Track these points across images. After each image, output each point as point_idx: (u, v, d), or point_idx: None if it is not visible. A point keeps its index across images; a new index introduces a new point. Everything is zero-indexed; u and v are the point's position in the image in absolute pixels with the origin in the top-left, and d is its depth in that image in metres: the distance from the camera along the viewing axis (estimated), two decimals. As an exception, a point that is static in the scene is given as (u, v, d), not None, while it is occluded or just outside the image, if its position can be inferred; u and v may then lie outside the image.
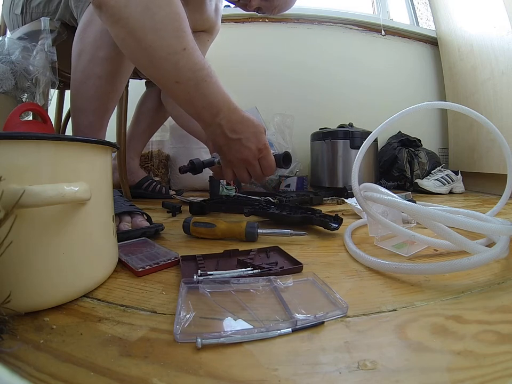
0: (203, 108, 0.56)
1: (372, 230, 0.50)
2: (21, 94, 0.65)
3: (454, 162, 1.54)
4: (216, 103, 0.56)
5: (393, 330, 0.26)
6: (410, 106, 0.49)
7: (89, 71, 0.63)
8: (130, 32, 0.49)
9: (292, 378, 0.20)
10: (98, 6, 0.49)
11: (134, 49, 0.51)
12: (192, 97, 0.55)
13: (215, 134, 0.58)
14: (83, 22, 0.62)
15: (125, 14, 0.48)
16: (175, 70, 0.52)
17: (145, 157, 1.29)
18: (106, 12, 0.49)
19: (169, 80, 0.53)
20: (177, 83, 0.53)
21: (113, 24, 0.50)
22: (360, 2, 1.79)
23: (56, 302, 0.29)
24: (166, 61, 0.51)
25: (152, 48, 0.50)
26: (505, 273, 0.37)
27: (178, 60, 0.52)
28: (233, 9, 1.58)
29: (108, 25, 0.51)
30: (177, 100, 0.56)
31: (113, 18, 0.49)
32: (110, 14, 0.49)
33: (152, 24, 0.50)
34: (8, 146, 0.25)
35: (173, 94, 0.56)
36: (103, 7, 0.49)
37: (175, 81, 0.53)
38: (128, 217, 0.56)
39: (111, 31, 0.52)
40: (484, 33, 1.27)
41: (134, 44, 0.51)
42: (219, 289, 0.33)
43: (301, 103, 1.60)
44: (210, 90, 0.55)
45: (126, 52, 0.54)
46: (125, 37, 0.50)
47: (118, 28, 0.50)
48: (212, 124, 0.57)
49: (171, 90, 0.55)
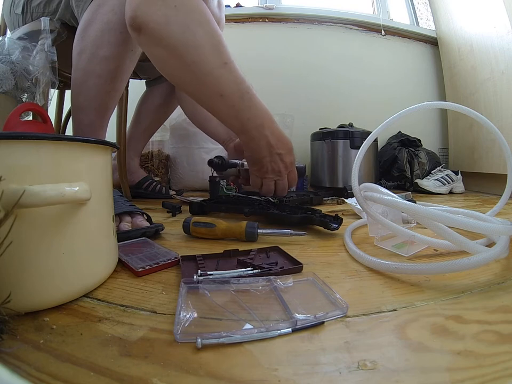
0: (248, 120, 0.58)
1: (372, 230, 0.50)
2: (21, 94, 0.65)
3: (454, 162, 1.54)
4: (260, 115, 0.59)
5: (393, 330, 0.26)
6: (410, 106, 0.49)
7: (90, 70, 0.63)
8: (172, 51, 0.51)
9: (292, 378, 0.20)
10: (138, 29, 0.50)
11: (177, 68, 0.53)
12: (237, 110, 0.57)
13: (259, 146, 0.60)
14: (84, 21, 0.62)
15: (165, 34, 0.50)
16: (220, 84, 0.54)
17: (145, 157, 1.29)
18: (146, 33, 0.50)
19: (214, 94, 0.55)
20: (222, 96, 0.55)
21: (154, 46, 0.51)
22: (360, 2, 1.78)
23: (56, 302, 0.29)
24: (210, 76, 0.53)
25: (195, 65, 0.52)
26: (505, 273, 0.37)
27: (222, 74, 0.54)
28: (233, 9, 1.58)
29: (148, 47, 0.52)
30: (221, 113, 0.58)
31: (154, 40, 0.50)
32: (150, 36, 0.50)
33: (194, 41, 0.51)
34: (8, 146, 0.25)
35: (216, 108, 0.57)
36: (142, 29, 0.50)
37: (219, 95, 0.55)
38: (128, 217, 0.56)
39: (150, 52, 0.53)
40: (484, 33, 1.27)
41: (176, 63, 0.52)
42: (219, 289, 0.33)
43: (301, 103, 1.60)
44: (253, 102, 0.58)
45: (167, 71, 0.55)
46: (166, 56, 0.52)
47: (159, 49, 0.51)
48: (257, 136, 0.59)
49: (215, 105, 0.57)
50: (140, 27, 0.50)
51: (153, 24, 0.49)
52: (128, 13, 0.50)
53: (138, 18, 0.49)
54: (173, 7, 0.50)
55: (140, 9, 0.49)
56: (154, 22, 0.49)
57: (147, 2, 0.49)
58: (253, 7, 1.58)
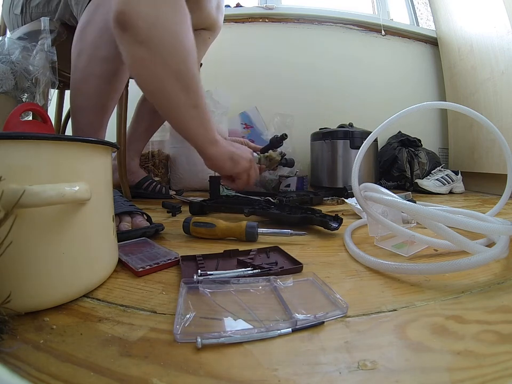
0: (211, 130, 0.61)
1: (372, 230, 0.50)
2: (21, 94, 0.65)
3: (454, 162, 1.54)
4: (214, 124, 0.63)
5: (393, 330, 0.26)
6: (410, 106, 0.49)
7: (89, 70, 0.63)
8: (156, 54, 0.50)
9: (292, 378, 0.20)
10: (123, 24, 0.49)
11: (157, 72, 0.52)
12: (205, 121, 0.59)
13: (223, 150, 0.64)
14: (82, 22, 0.62)
15: (152, 35, 0.49)
16: (197, 93, 0.56)
17: (145, 157, 1.28)
18: (131, 31, 0.49)
19: (189, 105, 0.56)
20: (195, 108, 0.56)
21: (137, 45, 0.50)
22: (360, 2, 1.78)
23: (56, 302, 0.29)
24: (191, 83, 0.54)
25: (180, 72, 0.52)
26: (505, 273, 0.37)
27: (199, 84, 0.56)
28: (233, 9, 1.58)
29: (130, 45, 0.51)
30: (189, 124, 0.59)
31: (139, 39, 0.49)
32: (136, 34, 0.49)
33: (183, 47, 0.52)
34: (8, 146, 0.25)
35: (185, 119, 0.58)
36: (128, 26, 0.48)
37: (193, 106, 0.56)
38: (128, 217, 0.56)
39: (131, 51, 0.51)
40: (483, 33, 1.27)
41: (157, 67, 0.51)
42: (219, 289, 0.32)
43: (301, 103, 1.60)
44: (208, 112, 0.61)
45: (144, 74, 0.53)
46: (147, 58, 0.51)
47: (142, 49, 0.50)
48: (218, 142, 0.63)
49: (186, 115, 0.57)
50: (125, 23, 0.48)
51: (141, 23, 0.48)
52: (115, 6, 0.48)
53: (125, 15, 0.48)
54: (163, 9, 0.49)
55: (129, 5, 0.48)
56: (142, 21, 0.48)
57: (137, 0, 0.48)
58: (253, 7, 1.58)
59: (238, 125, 1.47)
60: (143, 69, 0.53)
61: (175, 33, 0.51)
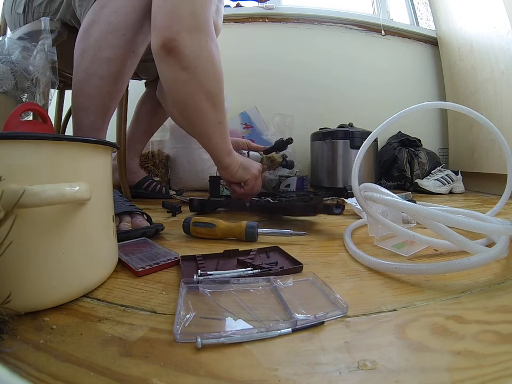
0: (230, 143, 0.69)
1: (372, 230, 0.50)
2: (21, 94, 0.65)
3: (454, 162, 1.54)
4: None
5: (393, 330, 0.26)
6: (410, 106, 0.49)
7: (92, 71, 0.63)
8: (195, 80, 0.58)
9: (292, 378, 0.20)
10: (170, 51, 0.54)
11: (192, 93, 0.60)
12: (227, 136, 0.68)
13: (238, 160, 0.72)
14: (86, 22, 0.62)
15: (195, 64, 0.56)
16: (222, 112, 0.65)
17: (145, 157, 1.29)
18: (177, 57, 0.55)
19: (215, 121, 0.64)
20: (220, 123, 0.65)
21: (179, 69, 0.56)
22: (360, 2, 1.78)
23: (56, 302, 0.29)
24: (220, 104, 0.63)
25: (210, 94, 0.61)
26: (505, 273, 0.37)
27: (224, 105, 0.65)
28: (233, 9, 1.58)
29: (173, 68, 0.57)
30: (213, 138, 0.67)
31: (183, 65, 0.56)
32: (181, 60, 0.55)
33: (215, 76, 0.60)
34: (8, 146, 0.25)
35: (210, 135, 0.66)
36: (175, 53, 0.55)
37: (218, 122, 0.64)
38: (128, 217, 0.56)
39: (172, 74, 0.58)
40: (483, 33, 1.27)
41: (194, 88, 0.59)
42: (219, 289, 0.33)
43: (301, 103, 1.60)
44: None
45: (181, 93, 0.61)
46: (187, 81, 0.58)
47: (184, 73, 0.57)
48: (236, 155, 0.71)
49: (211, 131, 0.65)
50: (173, 50, 0.54)
51: (188, 53, 0.55)
52: (166, 31, 0.54)
53: (176, 42, 0.54)
54: (205, 42, 0.57)
55: (180, 35, 0.54)
56: (189, 51, 0.55)
57: (187, 31, 0.54)
58: (253, 7, 1.58)
59: (238, 125, 1.47)
60: (181, 90, 0.60)
61: (214, 62, 0.59)
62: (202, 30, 0.57)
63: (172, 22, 0.54)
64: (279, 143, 0.89)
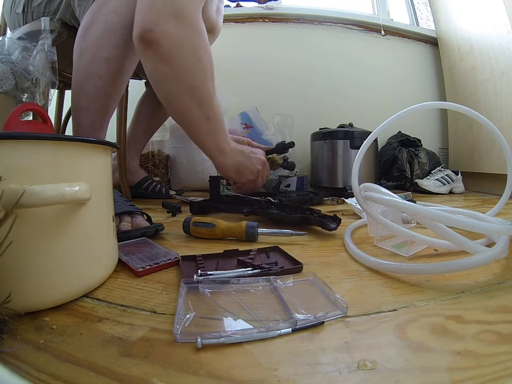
0: (224, 140, 0.65)
1: (372, 230, 0.50)
2: (21, 94, 0.65)
3: (454, 162, 1.54)
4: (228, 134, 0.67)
5: (393, 330, 0.26)
6: (410, 106, 0.49)
7: (91, 71, 0.63)
8: (176, 72, 0.54)
9: (292, 378, 0.20)
10: (148, 43, 0.52)
11: (175, 88, 0.56)
12: (218, 132, 0.64)
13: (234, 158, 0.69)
14: (85, 22, 0.62)
15: (176, 54, 0.52)
16: (210, 108, 0.60)
17: (145, 157, 1.29)
18: (156, 50, 0.52)
19: (203, 117, 0.60)
20: (208, 120, 0.61)
21: (160, 63, 0.53)
22: (360, 2, 1.78)
23: (56, 302, 0.29)
24: (205, 99, 0.59)
25: (194, 89, 0.56)
26: (505, 273, 0.37)
27: (213, 100, 0.60)
28: (233, 9, 1.58)
29: (153, 62, 0.54)
30: (201, 135, 0.63)
31: (162, 57, 0.52)
32: (160, 53, 0.52)
33: (199, 67, 0.55)
34: (8, 146, 0.25)
35: (199, 131, 0.62)
36: (154, 45, 0.51)
37: (206, 119, 0.60)
38: (128, 217, 0.56)
39: (153, 67, 0.55)
40: (484, 33, 1.27)
41: (176, 83, 0.55)
42: (219, 289, 0.33)
43: (301, 103, 1.60)
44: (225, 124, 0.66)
45: (164, 89, 0.58)
46: (169, 75, 0.54)
47: (164, 67, 0.54)
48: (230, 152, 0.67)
49: (199, 127, 0.62)
50: (151, 42, 0.51)
51: (166, 44, 0.51)
52: (142, 24, 0.51)
53: (153, 33, 0.50)
54: (186, 31, 0.52)
55: (157, 26, 0.50)
56: (167, 42, 0.51)
57: (165, 21, 0.50)
58: (253, 7, 1.58)
59: (238, 125, 1.47)
60: (162, 84, 0.57)
61: (197, 54, 0.54)
62: (182, 19, 0.52)
63: (150, 13, 0.51)
64: (280, 146, 0.89)
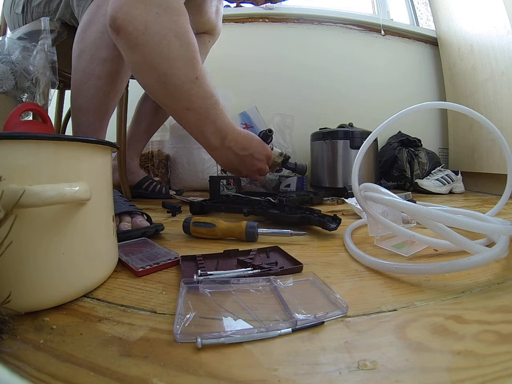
0: (212, 134, 0.61)
1: (372, 230, 0.50)
2: (21, 94, 0.65)
3: (454, 162, 1.54)
4: (224, 128, 0.61)
5: (393, 330, 0.26)
6: (410, 107, 0.49)
7: (90, 71, 0.63)
8: (146, 60, 0.51)
9: (292, 378, 0.20)
10: (116, 30, 0.50)
11: (149, 76, 0.53)
12: (202, 124, 0.59)
13: (227, 156, 0.65)
14: (83, 22, 0.62)
15: (142, 41, 0.49)
16: (188, 97, 0.55)
17: (145, 157, 1.29)
18: (124, 37, 0.50)
19: (181, 107, 0.56)
20: (189, 110, 0.56)
21: (130, 50, 0.51)
22: (360, 2, 1.78)
23: (56, 302, 0.29)
24: (179, 88, 0.54)
25: (166, 76, 0.52)
26: (505, 273, 0.37)
27: (191, 88, 0.55)
28: (233, 9, 1.58)
29: (125, 50, 0.52)
30: (187, 126, 0.60)
31: (130, 44, 0.50)
32: (127, 40, 0.50)
33: (168, 53, 0.51)
34: (8, 146, 0.25)
35: (183, 120, 0.59)
36: (121, 32, 0.49)
37: (186, 108, 0.56)
38: (128, 217, 0.56)
39: (127, 57, 0.53)
40: (484, 33, 1.27)
41: (148, 71, 0.52)
42: (219, 289, 0.33)
43: (301, 103, 1.60)
44: (218, 116, 0.59)
45: (140, 78, 0.55)
46: (141, 63, 0.51)
47: (135, 55, 0.51)
48: (221, 148, 0.63)
49: (181, 117, 0.58)
50: (118, 29, 0.49)
51: (132, 29, 0.49)
52: (109, 12, 0.49)
53: (118, 20, 0.48)
54: (154, 14, 0.49)
55: (122, 11, 0.48)
56: (133, 27, 0.48)
57: (130, 5, 0.48)
58: (253, 7, 1.58)
59: (238, 125, 1.46)
60: (137, 74, 0.54)
61: (165, 36, 0.50)
62: (150, 3, 0.49)
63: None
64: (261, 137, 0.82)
